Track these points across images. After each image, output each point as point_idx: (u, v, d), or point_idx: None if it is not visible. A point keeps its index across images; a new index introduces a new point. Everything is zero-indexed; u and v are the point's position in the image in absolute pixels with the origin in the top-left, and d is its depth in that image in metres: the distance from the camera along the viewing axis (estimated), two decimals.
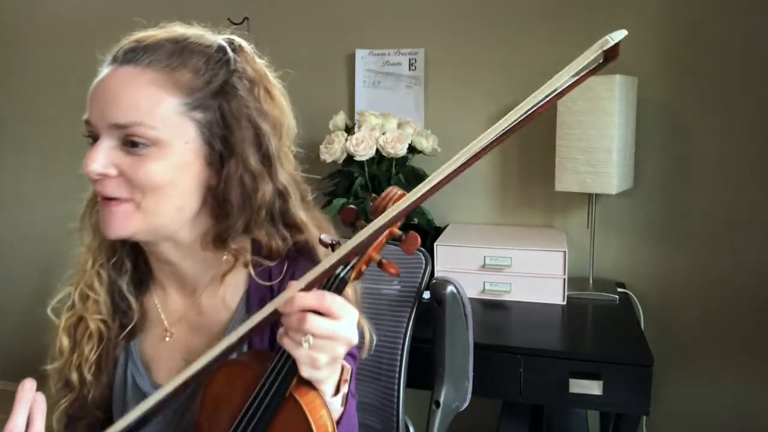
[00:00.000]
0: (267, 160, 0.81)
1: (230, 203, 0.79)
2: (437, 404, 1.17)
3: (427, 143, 1.76)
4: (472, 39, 1.88)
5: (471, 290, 1.68)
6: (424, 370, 1.20)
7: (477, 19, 1.86)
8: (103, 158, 0.73)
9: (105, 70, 0.77)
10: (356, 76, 1.98)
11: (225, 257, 0.82)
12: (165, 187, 0.75)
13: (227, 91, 0.78)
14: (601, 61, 0.51)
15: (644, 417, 1.77)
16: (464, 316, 1.17)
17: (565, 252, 1.61)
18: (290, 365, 0.68)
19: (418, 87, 1.93)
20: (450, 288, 1.15)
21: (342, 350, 0.67)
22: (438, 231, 1.83)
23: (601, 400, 1.36)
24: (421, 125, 1.90)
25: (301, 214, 0.85)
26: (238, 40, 0.86)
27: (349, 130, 1.80)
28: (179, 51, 0.77)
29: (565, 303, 1.63)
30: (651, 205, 1.80)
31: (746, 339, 1.77)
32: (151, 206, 0.75)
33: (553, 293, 1.64)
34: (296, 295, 0.64)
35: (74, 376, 0.85)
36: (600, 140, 1.57)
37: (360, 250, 0.67)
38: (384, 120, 1.75)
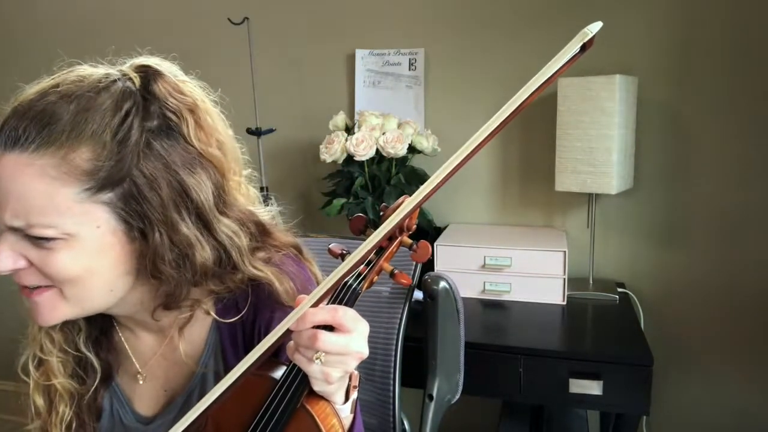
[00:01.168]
0: (201, 219, 0.71)
1: (165, 275, 0.70)
2: (430, 397, 1.19)
3: (427, 143, 1.76)
4: (472, 39, 1.88)
5: (471, 290, 1.68)
6: (417, 368, 1.21)
7: (477, 19, 1.86)
8: (9, 255, 0.66)
9: None
10: (356, 76, 1.98)
11: (181, 314, 0.77)
12: (83, 276, 0.67)
13: (141, 151, 0.66)
14: (578, 51, 0.52)
15: (644, 417, 1.77)
16: (456, 311, 1.19)
17: (565, 252, 1.61)
18: (301, 378, 0.67)
19: (418, 87, 1.93)
20: (443, 283, 1.17)
21: (354, 364, 0.65)
22: (438, 231, 1.83)
23: (601, 400, 1.36)
24: (421, 125, 1.90)
25: (249, 267, 0.76)
26: (154, 66, 0.72)
27: (349, 130, 1.80)
28: (72, 122, 0.64)
29: (565, 303, 1.63)
30: (651, 205, 1.80)
31: (746, 339, 1.77)
32: (76, 295, 0.69)
33: (553, 293, 1.64)
34: (308, 312, 0.62)
35: None
36: (600, 140, 1.57)
37: (368, 257, 0.66)
38: (384, 120, 1.75)
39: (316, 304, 0.63)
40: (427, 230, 1.81)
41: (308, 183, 2.08)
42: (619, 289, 1.72)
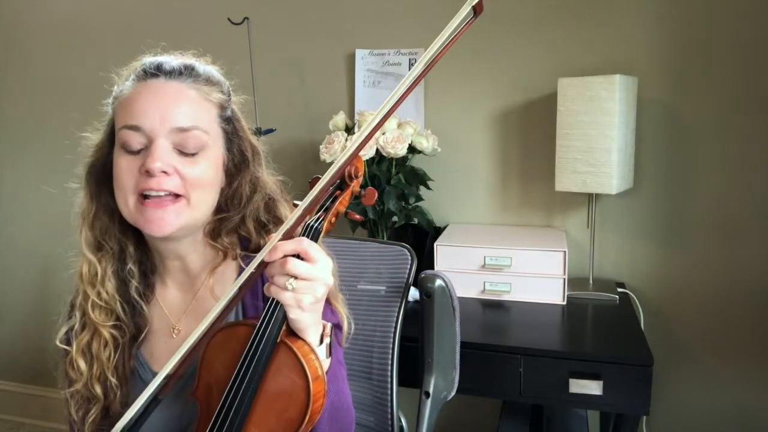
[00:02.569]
0: (262, 169, 0.96)
1: (234, 205, 0.92)
2: (427, 395, 1.20)
3: (427, 143, 1.76)
4: (472, 39, 1.87)
5: (471, 290, 1.68)
6: (413, 368, 1.22)
7: (477, 20, 1.86)
8: (165, 157, 0.82)
9: (146, 82, 0.86)
10: (356, 76, 1.98)
11: (218, 252, 0.93)
12: (210, 184, 0.88)
13: (234, 114, 0.94)
14: (472, 15, 0.60)
15: (644, 417, 1.77)
16: (452, 309, 1.20)
17: (565, 252, 1.61)
18: (279, 312, 0.75)
19: (418, 87, 1.93)
20: (438, 282, 1.18)
21: (321, 290, 0.75)
22: (438, 231, 1.83)
23: (601, 400, 1.36)
24: (421, 125, 1.90)
25: (284, 210, 0.96)
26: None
27: (349, 130, 1.80)
28: (207, 76, 0.91)
29: (565, 303, 1.63)
30: (651, 205, 1.80)
31: (746, 339, 1.77)
32: (199, 201, 0.86)
33: (553, 293, 1.64)
34: (278, 244, 0.73)
35: (98, 389, 0.89)
36: (600, 140, 1.57)
37: (323, 195, 0.77)
38: None
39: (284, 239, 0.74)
40: (427, 230, 1.81)
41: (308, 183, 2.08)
42: (619, 289, 1.72)
